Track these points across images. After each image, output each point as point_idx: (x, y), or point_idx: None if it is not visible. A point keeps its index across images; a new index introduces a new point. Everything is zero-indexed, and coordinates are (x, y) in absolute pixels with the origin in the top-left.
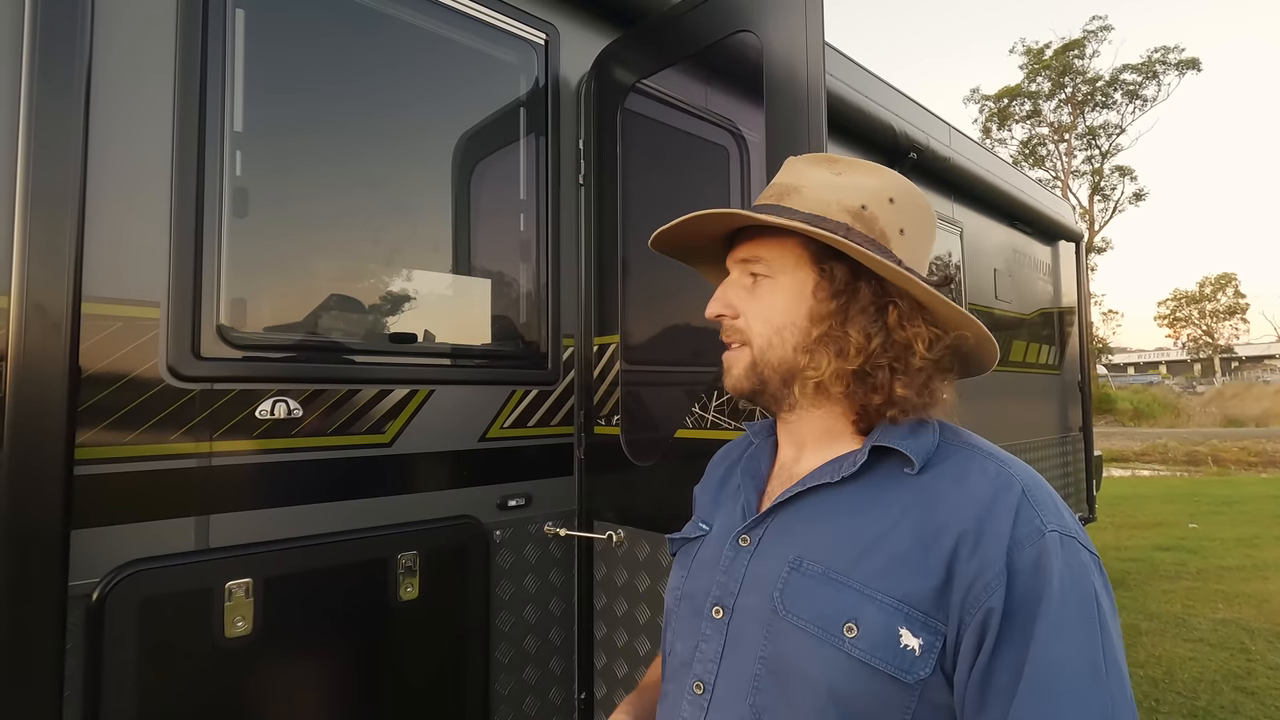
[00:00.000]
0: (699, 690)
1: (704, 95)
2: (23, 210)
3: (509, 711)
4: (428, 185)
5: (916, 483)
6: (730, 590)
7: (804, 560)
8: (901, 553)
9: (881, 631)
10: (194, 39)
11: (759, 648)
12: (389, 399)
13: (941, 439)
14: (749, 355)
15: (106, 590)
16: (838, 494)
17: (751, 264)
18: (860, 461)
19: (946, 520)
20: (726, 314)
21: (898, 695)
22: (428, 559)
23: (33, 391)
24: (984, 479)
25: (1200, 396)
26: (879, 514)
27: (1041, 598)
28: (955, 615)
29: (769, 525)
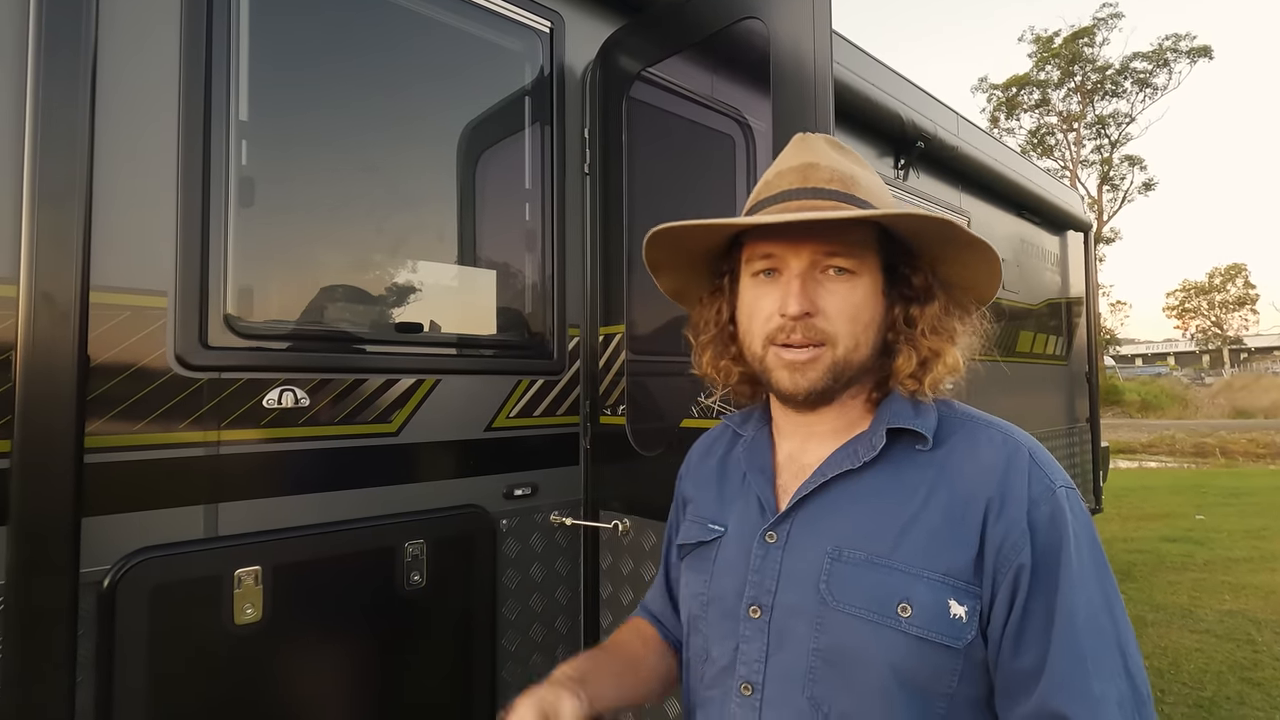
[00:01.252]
0: (747, 691)
1: (710, 83)
2: (30, 200)
3: (516, 698)
4: (433, 174)
5: (932, 459)
6: (767, 588)
7: (843, 549)
8: (936, 529)
9: (933, 606)
10: (199, 28)
11: (810, 640)
12: (395, 388)
13: (941, 414)
14: (830, 356)
15: (117, 577)
16: (860, 480)
17: (833, 259)
18: (879, 446)
19: (971, 492)
20: (810, 312)
21: (949, 661)
22: (435, 548)
23: (42, 381)
24: (993, 448)
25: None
26: (906, 495)
27: (1061, 548)
28: (989, 577)
29: (795, 519)
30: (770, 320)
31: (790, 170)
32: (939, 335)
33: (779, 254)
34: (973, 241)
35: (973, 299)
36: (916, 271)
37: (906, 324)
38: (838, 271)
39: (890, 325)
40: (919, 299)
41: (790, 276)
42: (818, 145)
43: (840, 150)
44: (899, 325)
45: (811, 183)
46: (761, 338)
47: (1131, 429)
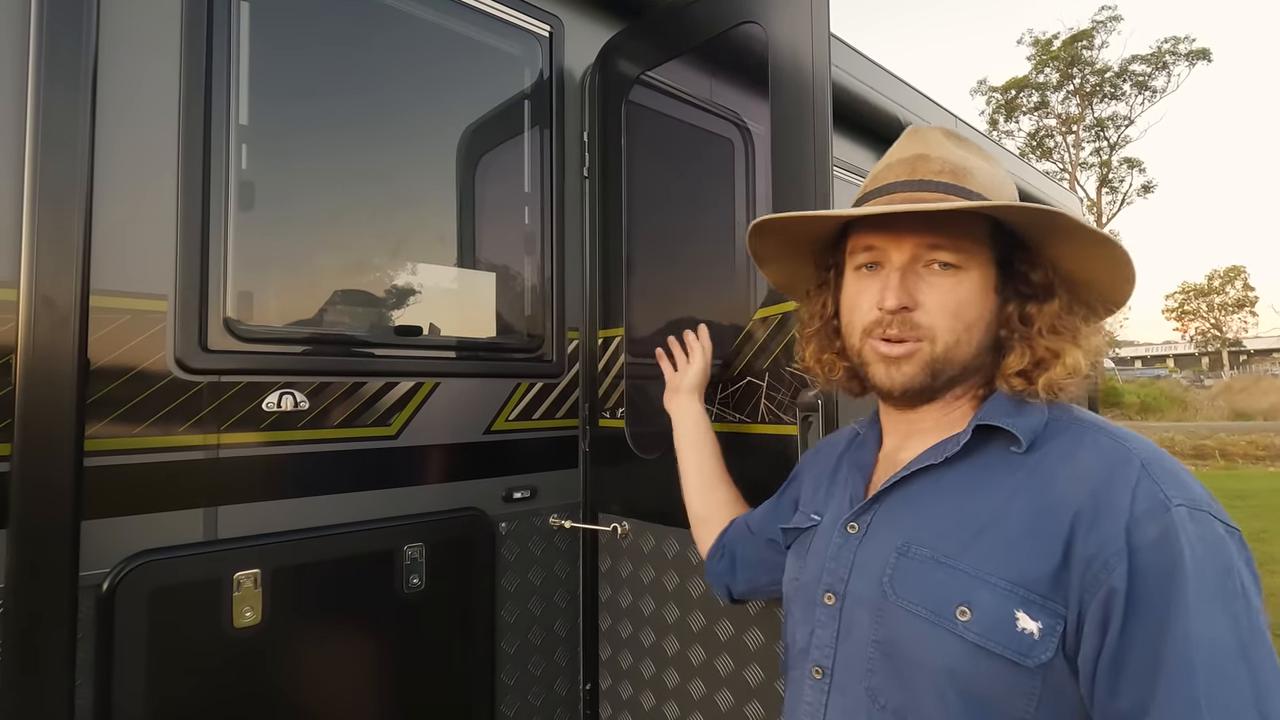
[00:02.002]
0: (818, 675)
1: (709, 87)
2: (31, 204)
3: (515, 702)
4: (433, 178)
5: (1025, 463)
6: (840, 576)
7: (911, 545)
8: (1014, 536)
9: (996, 615)
10: (199, 32)
11: (870, 631)
12: (395, 391)
13: (1051, 416)
14: (928, 352)
15: (117, 580)
16: (943, 476)
17: (937, 252)
18: (963, 441)
19: (1060, 500)
20: (909, 306)
21: (1019, 679)
22: (434, 551)
23: (42, 384)
24: (1097, 454)
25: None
26: (987, 496)
27: (1173, 575)
28: (1075, 596)
29: (876, 512)
30: (869, 313)
31: (899, 162)
32: (1058, 335)
33: (880, 246)
34: (1093, 237)
35: (1100, 299)
36: (1035, 268)
37: (1022, 322)
38: (942, 266)
39: (1004, 323)
40: (1037, 296)
41: (890, 270)
42: (931, 136)
43: (957, 141)
44: (1013, 323)
45: (920, 175)
46: (860, 331)
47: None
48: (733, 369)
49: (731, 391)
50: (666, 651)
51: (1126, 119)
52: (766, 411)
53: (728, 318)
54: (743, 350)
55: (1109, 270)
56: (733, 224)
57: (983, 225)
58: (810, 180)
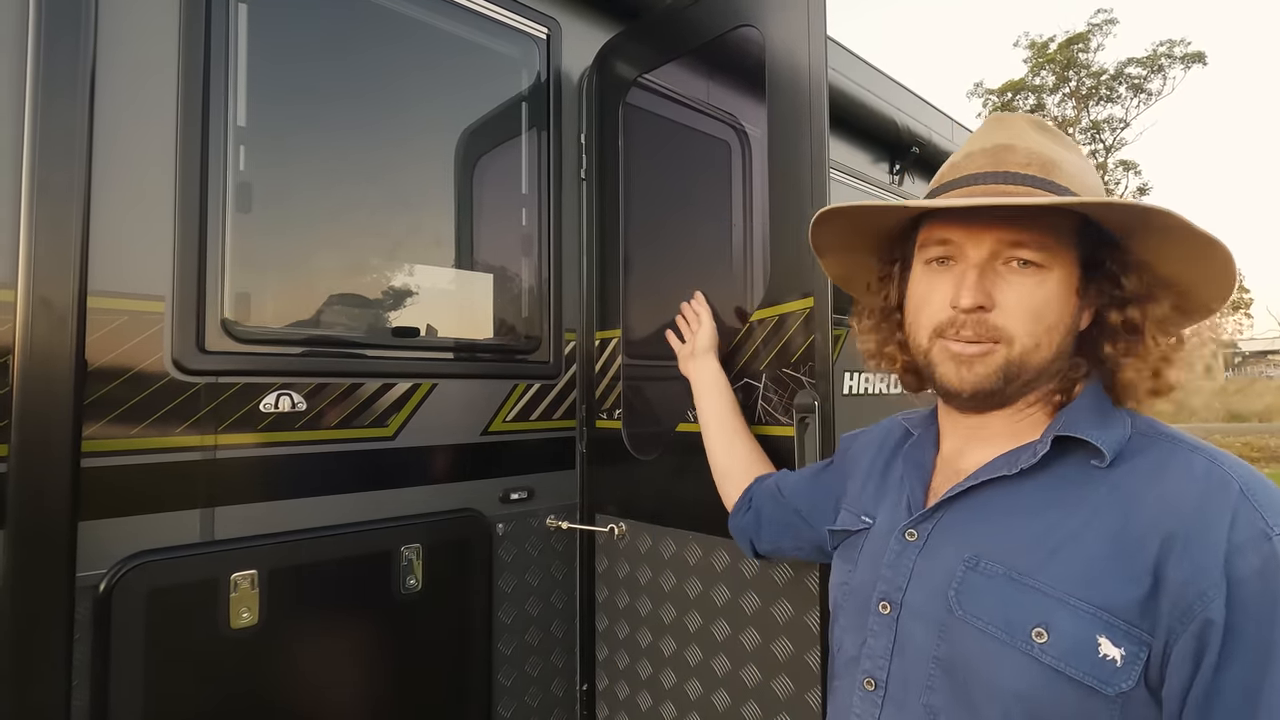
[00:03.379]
0: (870, 686)
1: (706, 90)
2: (28, 205)
3: (512, 703)
4: (430, 180)
5: (1107, 479)
6: (898, 585)
7: (981, 559)
8: (1097, 556)
9: (1077, 639)
10: (197, 34)
11: (932, 647)
12: (392, 393)
13: (1134, 429)
14: (1003, 354)
15: (113, 581)
16: (1016, 489)
17: (1018, 250)
18: (1041, 453)
19: (1150, 522)
20: (986, 306)
21: (1096, 707)
22: (431, 552)
23: (39, 385)
24: (1190, 476)
25: None
26: (1065, 513)
27: (1275, 611)
28: (1163, 625)
29: (938, 520)
30: (940, 312)
31: (981, 152)
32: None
33: (957, 241)
34: (1195, 235)
35: (1196, 305)
36: (1128, 271)
37: (1127, 329)
38: (1022, 264)
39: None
40: (1137, 300)
41: (967, 267)
42: (1016, 125)
43: (1043, 131)
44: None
45: (1004, 166)
46: (929, 330)
47: None
48: (730, 370)
49: None
50: (663, 652)
51: (1122, 121)
52: (763, 413)
53: (725, 320)
54: (740, 352)
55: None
56: (729, 226)
57: (1070, 222)
58: (807, 183)
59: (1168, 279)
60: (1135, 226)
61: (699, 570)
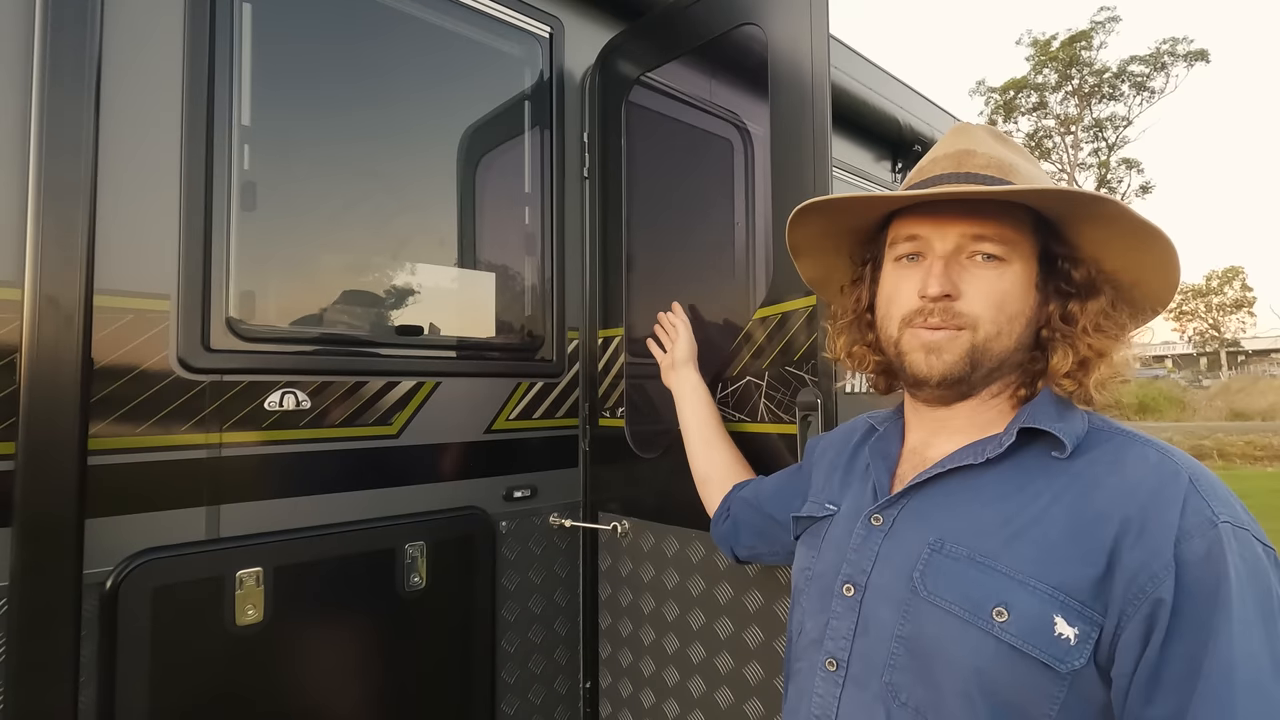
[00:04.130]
0: (832, 667)
1: (709, 88)
2: (35, 204)
3: (515, 700)
4: (433, 178)
5: (1068, 469)
6: (862, 568)
7: (946, 542)
8: (1055, 540)
9: (1035, 618)
10: (202, 33)
11: (895, 626)
12: (396, 391)
13: (1091, 425)
14: (968, 339)
15: (120, 579)
16: (980, 477)
17: (981, 243)
18: (1007, 443)
19: (1106, 509)
20: (952, 294)
21: (1048, 684)
22: (435, 549)
23: (46, 383)
24: (1145, 466)
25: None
26: (1028, 499)
27: (1216, 592)
28: (1116, 606)
29: (904, 506)
30: (909, 302)
31: (945, 157)
32: (1104, 334)
33: (924, 235)
34: (1138, 225)
35: (1146, 296)
36: (1077, 265)
37: (1065, 320)
38: (985, 258)
39: (1045, 321)
40: (1079, 294)
41: (934, 259)
42: (976, 134)
43: (1001, 140)
44: (1055, 322)
45: (966, 168)
46: (899, 320)
47: None
48: (732, 368)
49: (731, 391)
50: (666, 649)
51: (1125, 119)
52: (766, 411)
53: (727, 318)
54: (742, 350)
55: (1156, 265)
56: (732, 225)
57: (1026, 219)
58: (810, 182)
59: (1113, 274)
60: (1084, 219)
61: (702, 568)
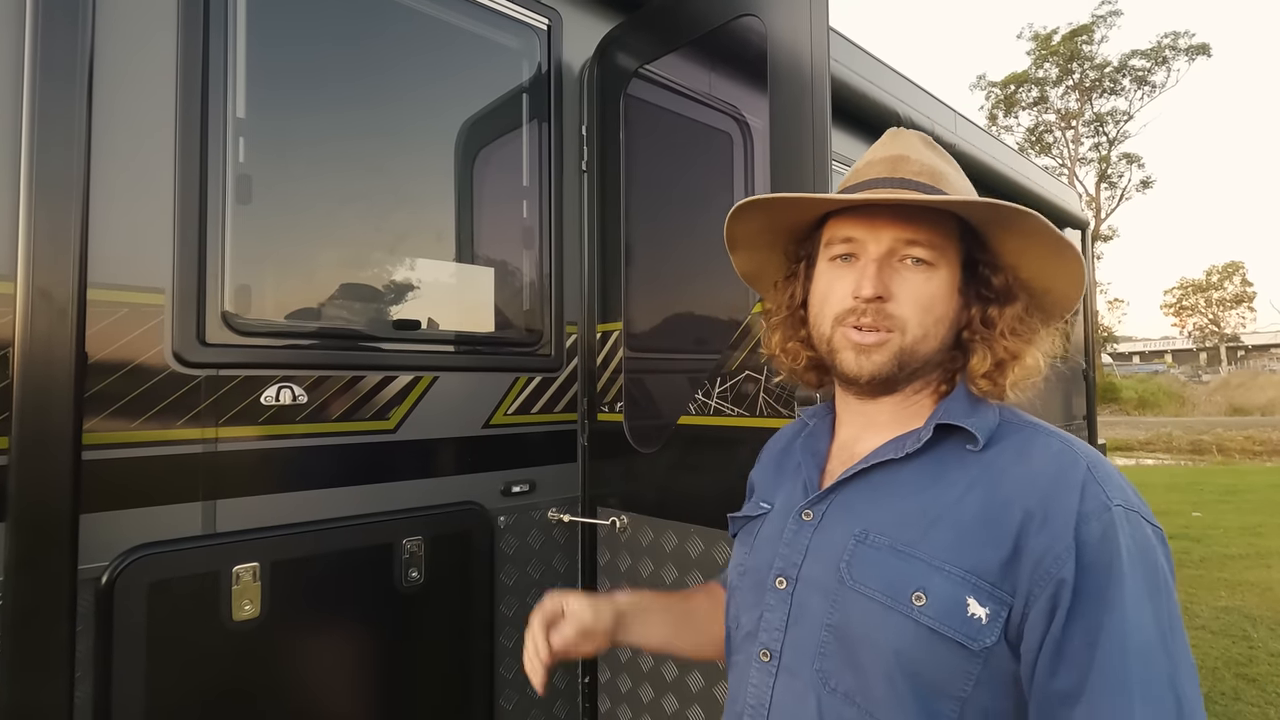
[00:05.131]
0: (766, 658)
1: (708, 81)
2: (27, 197)
3: (514, 695)
4: (430, 172)
5: (980, 460)
6: (794, 562)
7: (870, 533)
8: (968, 526)
9: (949, 600)
10: (196, 25)
11: (825, 615)
12: (393, 385)
13: (1002, 418)
14: (897, 343)
15: (116, 574)
16: (901, 470)
17: (912, 248)
18: (925, 438)
19: (1012, 496)
20: (884, 296)
21: (963, 662)
22: (433, 544)
23: (40, 378)
24: (1048, 456)
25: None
26: (943, 490)
27: (1110, 570)
28: (1024, 587)
29: (832, 501)
30: (842, 302)
31: (880, 161)
32: (1018, 337)
33: (859, 238)
34: (1053, 239)
35: (1055, 303)
36: (997, 272)
37: (984, 324)
38: (915, 262)
39: (966, 324)
40: (998, 300)
41: (867, 260)
42: (910, 140)
43: (931, 147)
44: (975, 325)
45: (900, 173)
46: (831, 319)
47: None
48: (731, 363)
49: (730, 385)
50: None
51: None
52: (765, 405)
53: (726, 311)
54: (741, 344)
55: (1065, 274)
56: None
57: (953, 227)
58: (809, 174)
59: (1028, 281)
60: (1006, 230)
61: (700, 563)
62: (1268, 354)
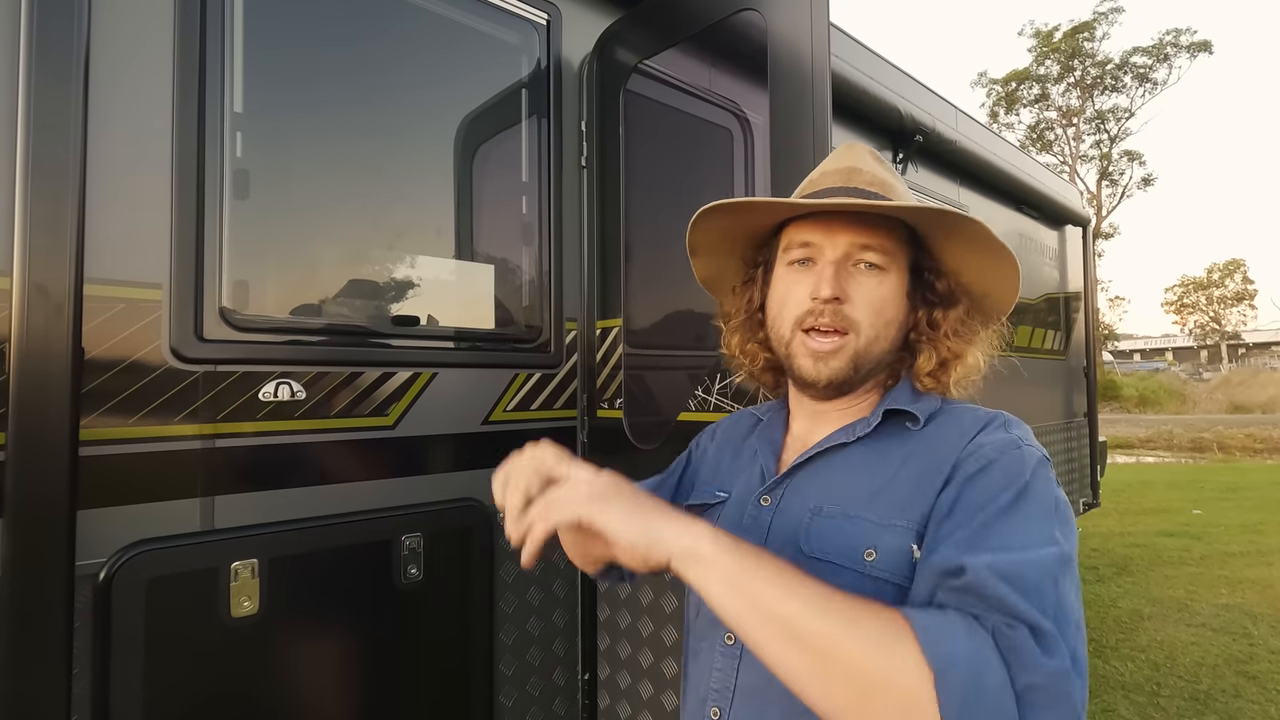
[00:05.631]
0: (730, 641)
1: (708, 76)
2: (23, 192)
3: (514, 692)
4: (429, 167)
5: (919, 434)
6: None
7: (823, 506)
8: (910, 486)
9: (898, 551)
10: (193, 18)
11: None
12: (392, 382)
13: (944, 404)
14: (852, 345)
15: (113, 570)
16: (851, 452)
17: (866, 253)
18: (875, 424)
19: (943, 454)
20: (841, 297)
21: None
22: (431, 541)
23: (36, 374)
24: (973, 417)
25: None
26: (887, 463)
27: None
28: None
29: (788, 485)
30: (801, 304)
31: (835, 171)
32: (960, 338)
33: (816, 242)
34: (994, 246)
35: (994, 306)
36: (940, 277)
37: (930, 326)
38: (868, 266)
39: (913, 326)
40: (942, 303)
41: (825, 264)
42: (861, 153)
43: (880, 161)
44: (922, 327)
45: (854, 183)
46: (791, 322)
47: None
48: None
49: (730, 382)
50: (665, 641)
51: (1127, 111)
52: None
53: None
54: None
55: (1004, 279)
56: None
57: (902, 235)
58: (809, 170)
59: (969, 285)
60: (951, 235)
61: None
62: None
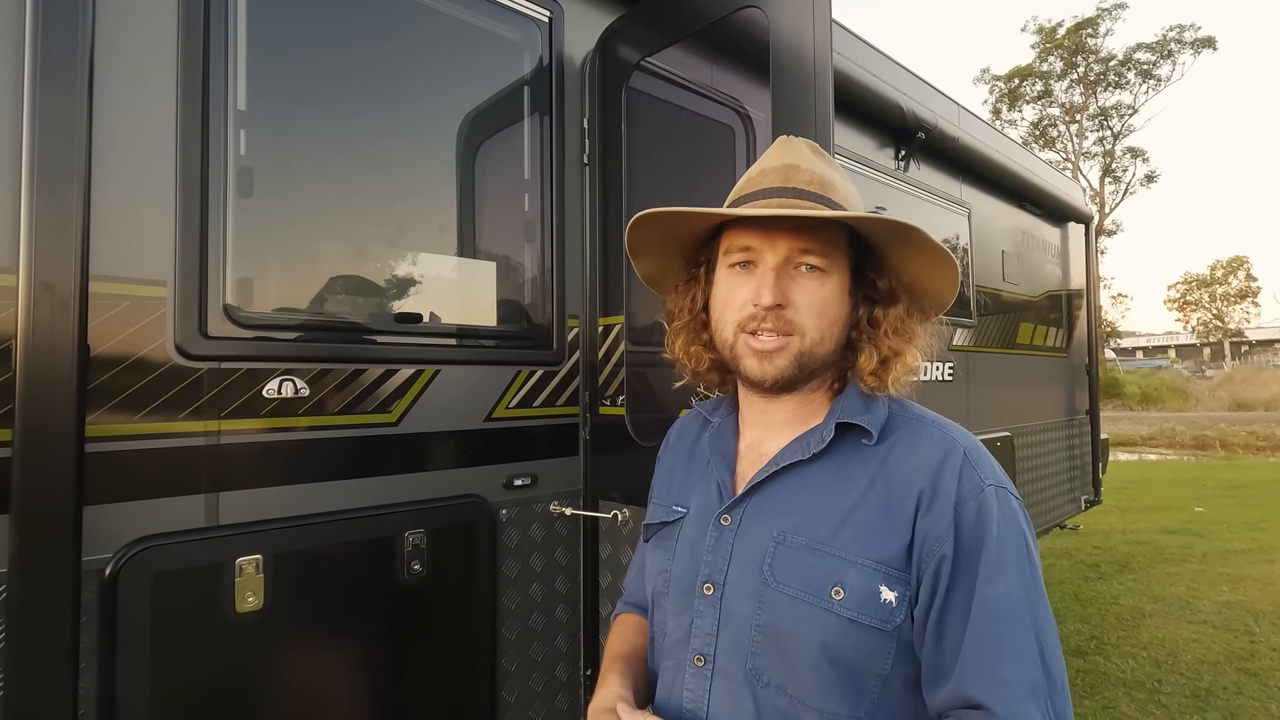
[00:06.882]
0: (700, 663)
1: (710, 73)
2: (29, 190)
3: (516, 688)
4: (432, 165)
5: (876, 454)
6: (719, 568)
7: (787, 534)
8: (873, 520)
9: (865, 591)
10: (197, 17)
11: (753, 616)
12: (395, 378)
13: (890, 411)
14: (796, 346)
15: (119, 566)
16: (808, 470)
17: (806, 256)
18: (827, 439)
19: (906, 486)
20: (783, 303)
21: (880, 643)
22: (435, 537)
23: (42, 370)
24: (931, 445)
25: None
26: (848, 486)
27: (983, 543)
28: (916, 565)
29: (748, 505)
30: (743, 309)
31: (773, 170)
32: (900, 336)
33: (756, 247)
34: (934, 248)
35: (932, 304)
36: (881, 276)
37: (870, 324)
38: (809, 269)
39: (855, 324)
40: (883, 301)
41: (765, 269)
42: (800, 148)
43: (820, 155)
44: (863, 325)
45: (792, 183)
46: (734, 325)
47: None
48: None
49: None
50: None
51: (1130, 108)
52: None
53: None
54: None
55: (943, 278)
56: None
57: (843, 234)
58: None
59: (910, 284)
60: (891, 239)
61: None
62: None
